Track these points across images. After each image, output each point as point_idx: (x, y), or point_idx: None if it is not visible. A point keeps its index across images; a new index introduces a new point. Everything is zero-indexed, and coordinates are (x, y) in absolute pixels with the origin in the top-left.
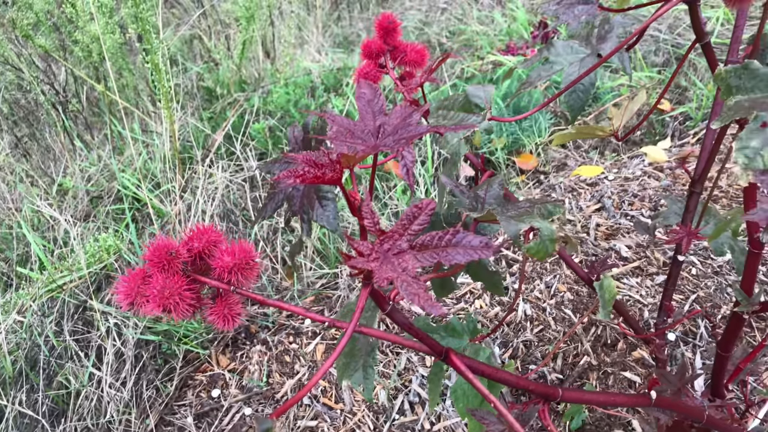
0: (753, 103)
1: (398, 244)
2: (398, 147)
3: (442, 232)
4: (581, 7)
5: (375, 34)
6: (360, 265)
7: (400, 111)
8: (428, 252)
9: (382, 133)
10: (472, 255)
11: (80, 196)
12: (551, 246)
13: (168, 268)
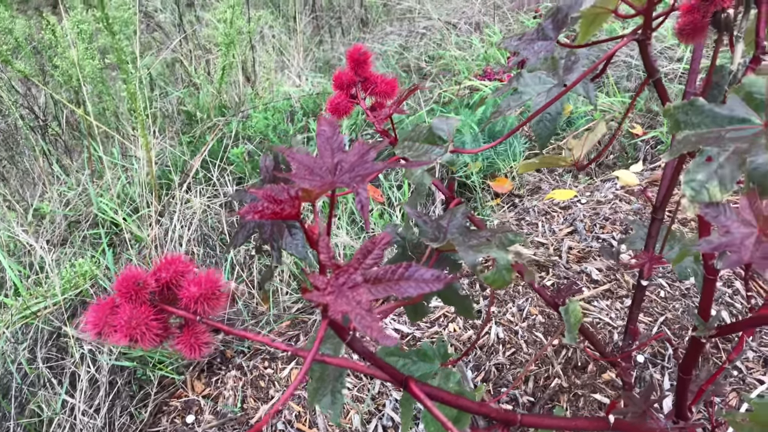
0: (699, 138)
1: (353, 277)
2: (354, 184)
3: (395, 266)
4: (540, 43)
5: (346, 65)
6: (316, 299)
7: (358, 148)
8: (382, 285)
9: (340, 170)
10: (423, 288)
11: (58, 221)
12: (507, 275)
13: (136, 298)
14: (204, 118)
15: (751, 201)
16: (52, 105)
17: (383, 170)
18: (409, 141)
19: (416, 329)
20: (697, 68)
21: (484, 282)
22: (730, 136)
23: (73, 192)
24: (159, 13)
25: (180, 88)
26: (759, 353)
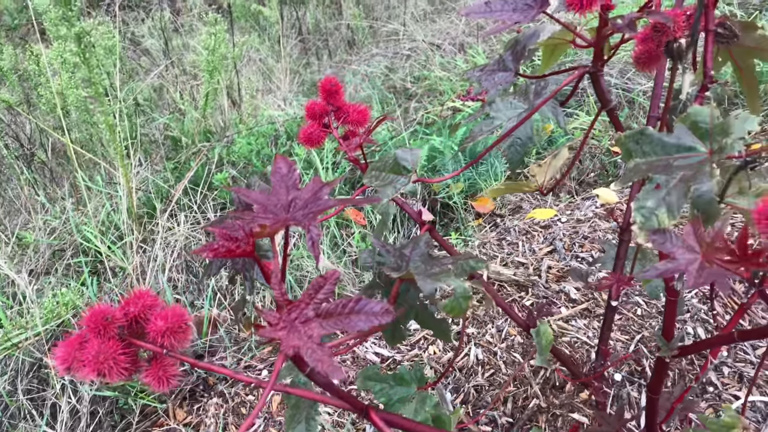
0: (649, 166)
1: (305, 312)
2: (306, 221)
3: (345, 300)
4: (501, 75)
5: (319, 95)
6: (268, 335)
7: (312, 186)
8: (333, 319)
9: (293, 207)
10: (373, 321)
11: (42, 250)
12: (465, 303)
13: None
14: (189, 143)
15: (695, 228)
16: (38, 133)
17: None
18: (376, 171)
19: (396, 352)
20: (659, 93)
21: (442, 311)
22: (678, 164)
23: (58, 221)
24: (147, 38)
25: (166, 113)
26: (734, 369)
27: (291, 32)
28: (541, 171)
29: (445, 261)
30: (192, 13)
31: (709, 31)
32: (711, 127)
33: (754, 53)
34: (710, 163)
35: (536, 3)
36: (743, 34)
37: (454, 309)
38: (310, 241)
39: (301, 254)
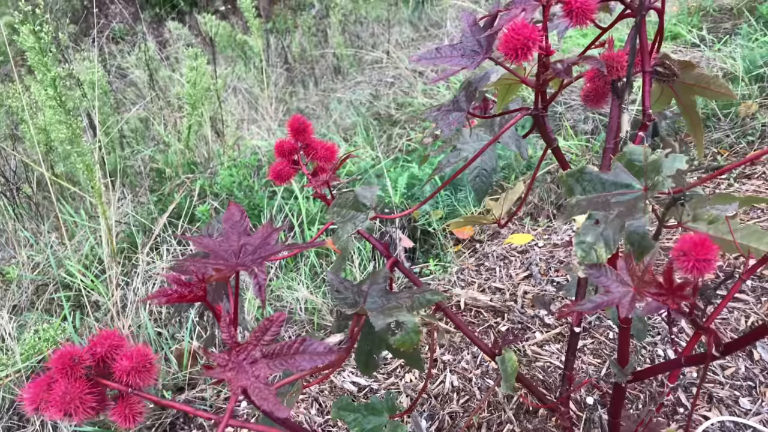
0: (589, 202)
1: (252, 353)
2: (254, 266)
3: (291, 341)
4: (455, 114)
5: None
6: (217, 375)
7: (262, 231)
8: (279, 360)
9: (243, 253)
10: (316, 361)
11: (25, 285)
12: (415, 337)
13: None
14: (173, 175)
15: (628, 262)
16: (23, 167)
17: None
18: (338, 207)
19: (373, 381)
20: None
21: (394, 345)
22: (615, 201)
23: (41, 255)
24: (133, 69)
25: (152, 145)
26: (704, 389)
27: (277, 61)
28: (497, 205)
29: (402, 295)
30: (178, 44)
31: (646, 73)
32: (645, 165)
33: (695, 90)
34: (644, 199)
35: (482, 49)
36: (683, 73)
37: (405, 343)
38: (256, 286)
39: (281, 284)
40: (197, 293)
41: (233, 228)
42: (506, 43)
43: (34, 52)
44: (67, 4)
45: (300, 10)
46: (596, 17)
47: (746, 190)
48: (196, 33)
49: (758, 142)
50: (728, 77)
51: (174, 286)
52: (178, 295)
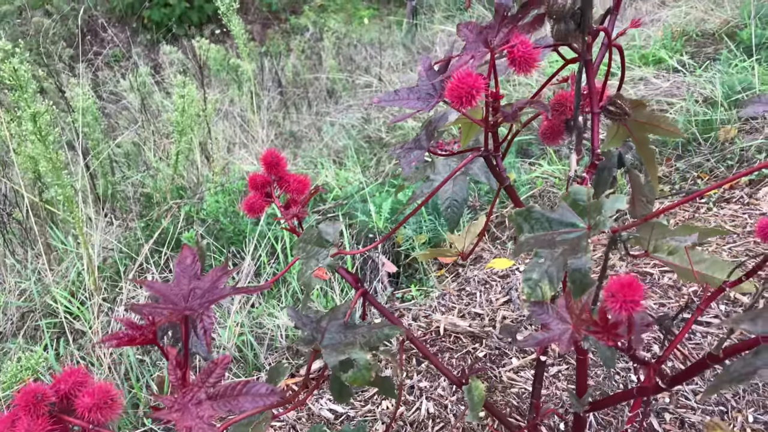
0: (536, 240)
1: (198, 395)
2: (201, 310)
3: (235, 383)
4: (416, 152)
5: (262, 167)
6: (164, 416)
7: (212, 275)
8: (223, 401)
9: (192, 297)
10: (258, 402)
11: (11, 312)
12: (366, 374)
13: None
14: (161, 201)
15: (567, 301)
16: (14, 193)
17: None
18: (303, 243)
19: (350, 408)
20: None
21: (347, 381)
22: (560, 239)
23: (28, 282)
24: (128, 93)
25: (143, 170)
26: (676, 415)
27: (271, 84)
28: (460, 239)
29: (360, 330)
30: (172, 68)
31: (594, 114)
32: (588, 205)
33: (647, 128)
34: (587, 238)
35: (436, 93)
36: (635, 112)
37: (357, 379)
38: (202, 330)
39: (262, 311)
40: (147, 336)
41: (184, 272)
42: (451, 91)
43: (15, 90)
44: (64, 28)
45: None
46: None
47: (724, 214)
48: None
49: (737, 166)
50: (708, 102)
51: (127, 329)
52: (128, 338)
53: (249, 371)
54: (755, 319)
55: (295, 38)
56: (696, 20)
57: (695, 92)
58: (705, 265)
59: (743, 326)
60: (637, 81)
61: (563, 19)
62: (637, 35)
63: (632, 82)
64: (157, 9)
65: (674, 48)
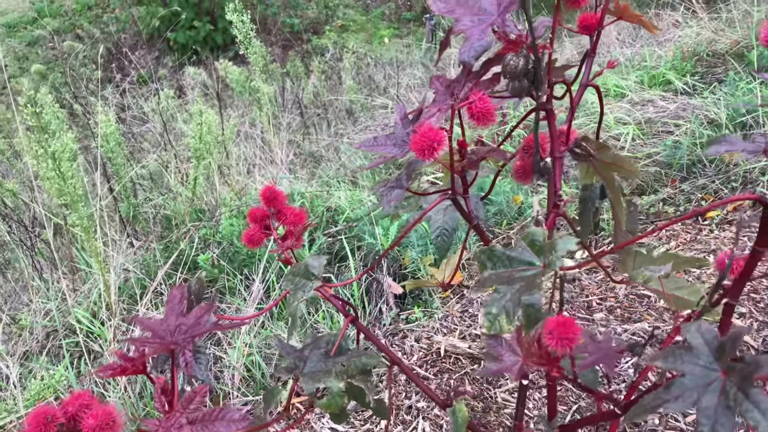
0: (497, 277)
1: (180, 420)
2: (184, 344)
3: (211, 410)
4: (396, 192)
5: (261, 201)
6: None
7: (197, 312)
8: (201, 425)
9: (178, 332)
10: (231, 427)
11: (36, 332)
12: (339, 401)
13: (44, 431)
14: (180, 223)
15: (518, 334)
16: (42, 215)
17: (211, 330)
18: (292, 275)
19: (350, 427)
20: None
21: (320, 407)
22: (518, 276)
23: (52, 302)
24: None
25: (164, 192)
26: None
27: (292, 105)
28: (440, 271)
29: (340, 359)
30: (195, 92)
31: (556, 158)
32: (544, 245)
33: (612, 168)
34: (541, 276)
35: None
36: (599, 153)
37: (330, 406)
38: (183, 363)
39: (269, 333)
40: (138, 367)
41: (172, 310)
42: (415, 144)
43: (36, 131)
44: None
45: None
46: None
47: (725, 237)
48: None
49: (740, 188)
50: (714, 124)
51: (120, 361)
52: (121, 368)
53: (257, 390)
54: (666, 356)
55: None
56: (707, 40)
57: (701, 114)
58: (686, 291)
59: (657, 363)
60: (644, 103)
61: (517, 78)
62: (648, 56)
63: (639, 104)
64: (182, 32)
65: (684, 69)
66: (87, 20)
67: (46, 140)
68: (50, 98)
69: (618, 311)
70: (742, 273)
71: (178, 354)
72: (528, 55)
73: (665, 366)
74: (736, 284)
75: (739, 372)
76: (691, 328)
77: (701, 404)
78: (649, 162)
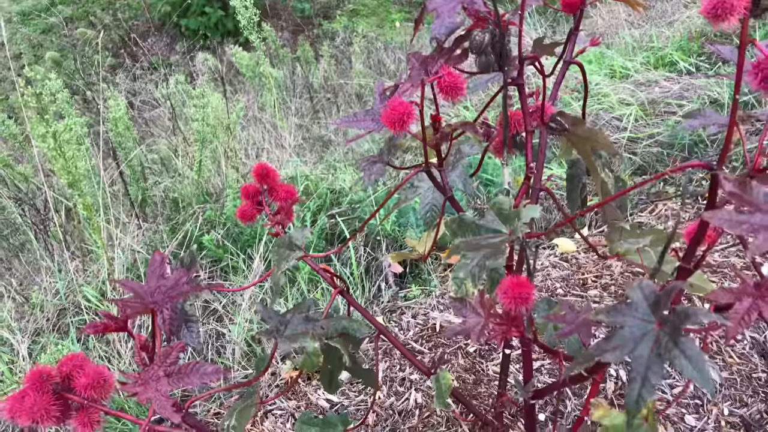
0: (466, 245)
1: (157, 373)
2: (162, 304)
3: (186, 363)
4: (377, 166)
5: (253, 178)
6: (129, 390)
7: (176, 275)
8: (177, 377)
9: (158, 292)
10: (205, 379)
11: (47, 310)
12: (315, 359)
13: (40, 389)
14: (187, 205)
15: (481, 297)
16: (53, 199)
17: (192, 292)
18: (277, 246)
19: (345, 398)
20: (541, 168)
21: (299, 366)
22: (485, 243)
23: (59, 283)
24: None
25: (173, 175)
26: None
27: (303, 91)
28: (420, 243)
29: (320, 323)
30: (205, 76)
31: (528, 132)
32: (509, 213)
33: (588, 142)
34: (506, 242)
35: None
36: (575, 127)
37: (306, 364)
38: (161, 320)
39: None
40: (120, 324)
41: (153, 273)
42: (385, 117)
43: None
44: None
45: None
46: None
47: None
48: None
49: (740, 167)
50: (716, 104)
51: (104, 319)
52: (104, 326)
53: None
54: (609, 311)
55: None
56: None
57: (704, 95)
58: (669, 266)
59: (600, 317)
60: (649, 84)
61: (483, 53)
62: (656, 37)
63: (644, 85)
64: (193, 18)
65: (691, 49)
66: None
67: (46, 120)
68: (59, 83)
69: (612, 288)
70: (692, 239)
71: (158, 313)
72: (493, 31)
73: (607, 320)
74: (689, 249)
75: (671, 323)
76: (633, 285)
77: (635, 353)
78: (651, 142)
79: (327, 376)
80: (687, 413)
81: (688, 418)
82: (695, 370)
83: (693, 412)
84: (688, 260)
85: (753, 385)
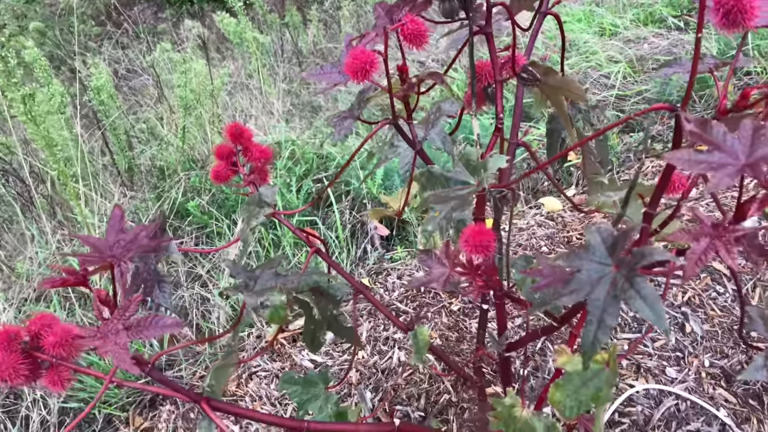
0: (435, 197)
1: (116, 326)
2: (121, 258)
3: (146, 316)
4: (348, 121)
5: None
6: (88, 344)
7: (135, 230)
8: (135, 330)
9: (116, 247)
10: (164, 331)
11: (33, 279)
12: (282, 312)
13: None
14: (172, 173)
15: (447, 248)
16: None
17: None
18: (247, 204)
19: (329, 358)
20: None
21: (265, 319)
22: (453, 195)
23: (40, 253)
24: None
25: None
26: (633, 360)
27: (292, 56)
28: (395, 200)
29: (290, 278)
30: (191, 43)
31: (498, 82)
32: (477, 164)
33: (561, 91)
34: (473, 194)
35: None
36: (547, 78)
37: (273, 317)
38: (119, 273)
39: None
40: (79, 279)
41: (112, 227)
42: (348, 66)
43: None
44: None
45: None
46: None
47: None
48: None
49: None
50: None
51: (63, 274)
52: (62, 281)
53: (244, 329)
54: (567, 256)
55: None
56: None
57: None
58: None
59: (558, 262)
60: (638, 40)
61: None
62: None
63: (633, 42)
64: None
65: (681, 4)
66: None
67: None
68: (36, 51)
69: None
70: (658, 183)
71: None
72: None
73: (565, 264)
74: (654, 194)
75: (627, 264)
76: (591, 228)
77: (592, 296)
78: (639, 99)
79: (309, 335)
80: (668, 365)
81: (669, 371)
82: (650, 309)
83: (674, 364)
84: (654, 206)
85: (734, 336)
